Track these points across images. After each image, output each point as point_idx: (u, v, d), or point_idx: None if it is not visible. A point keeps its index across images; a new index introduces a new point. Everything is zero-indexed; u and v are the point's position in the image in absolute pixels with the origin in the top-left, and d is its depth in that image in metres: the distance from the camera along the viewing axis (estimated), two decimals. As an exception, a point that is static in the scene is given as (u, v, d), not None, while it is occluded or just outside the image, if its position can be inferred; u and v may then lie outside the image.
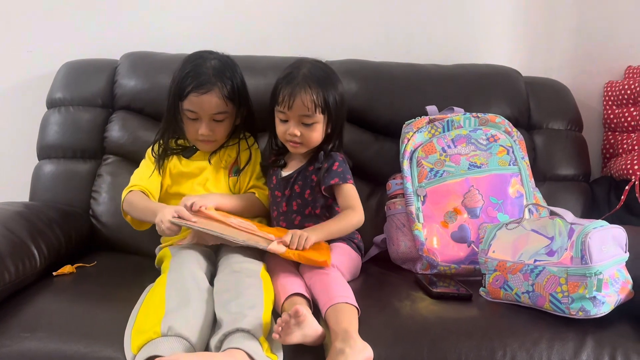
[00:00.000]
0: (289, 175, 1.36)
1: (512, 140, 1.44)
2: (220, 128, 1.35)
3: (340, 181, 1.30)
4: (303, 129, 1.30)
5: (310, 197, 1.33)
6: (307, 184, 1.34)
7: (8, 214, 1.24)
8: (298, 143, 1.32)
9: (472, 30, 1.81)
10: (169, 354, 0.90)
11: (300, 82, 1.28)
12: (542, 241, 1.13)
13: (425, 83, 1.62)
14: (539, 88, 1.69)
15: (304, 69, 1.31)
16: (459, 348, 1.00)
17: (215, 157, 1.40)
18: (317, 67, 1.33)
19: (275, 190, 1.37)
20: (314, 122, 1.30)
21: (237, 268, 1.13)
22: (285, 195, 1.35)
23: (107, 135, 1.57)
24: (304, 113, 1.28)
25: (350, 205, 1.30)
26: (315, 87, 1.28)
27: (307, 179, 1.34)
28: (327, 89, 1.29)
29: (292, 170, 1.37)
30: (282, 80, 1.31)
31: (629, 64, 1.80)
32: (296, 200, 1.34)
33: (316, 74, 1.30)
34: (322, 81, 1.30)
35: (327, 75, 1.33)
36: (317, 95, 1.28)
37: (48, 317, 1.04)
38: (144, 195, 1.33)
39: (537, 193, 1.44)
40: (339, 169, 1.31)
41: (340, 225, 1.28)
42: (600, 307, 1.03)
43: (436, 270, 1.35)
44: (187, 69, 1.31)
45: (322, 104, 1.29)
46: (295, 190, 1.34)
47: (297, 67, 1.32)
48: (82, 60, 1.65)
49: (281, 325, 0.95)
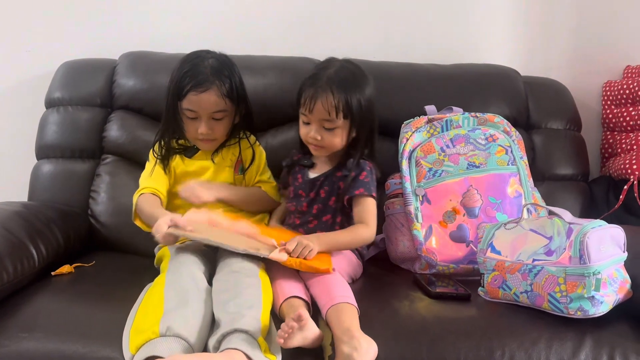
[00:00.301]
0: (316, 177, 1.34)
1: (510, 140, 1.44)
2: (219, 126, 1.34)
3: (365, 192, 1.28)
4: (324, 133, 1.27)
5: (334, 204, 1.31)
6: (334, 191, 1.32)
7: (6, 214, 1.24)
8: (319, 146, 1.29)
9: (471, 30, 1.81)
10: (167, 354, 0.90)
11: (322, 84, 1.24)
12: (541, 241, 1.13)
13: (424, 83, 1.62)
14: (538, 88, 1.69)
15: (331, 69, 1.27)
16: (457, 348, 1.00)
17: (217, 156, 1.40)
18: (345, 68, 1.28)
19: (300, 189, 1.36)
20: (335, 126, 1.26)
21: (235, 268, 1.13)
22: (309, 196, 1.34)
23: (105, 135, 1.57)
24: (324, 117, 1.25)
25: (364, 219, 1.27)
26: (338, 90, 1.23)
27: (334, 185, 1.32)
28: (351, 93, 1.24)
29: (319, 172, 1.35)
30: (307, 80, 1.28)
31: (628, 63, 1.80)
32: (318, 205, 1.33)
33: (341, 76, 1.25)
34: (347, 84, 1.25)
35: (354, 77, 1.27)
36: (339, 99, 1.23)
37: (46, 317, 1.04)
38: (152, 197, 1.32)
39: (536, 193, 1.44)
40: (365, 179, 1.29)
41: (348, 239, 1.26)
42: (598, 306, 1.03)
43: (435, 270, 1.35)
44: (185, 68, 1.31)
45: (344, 109, 1.24)
46: (320, 194, 1.33)
47: (324, 67, 1.29)
48: (81, 59, 1.66)
49: (287, 332, 0.94)
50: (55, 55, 1.68)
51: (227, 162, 1.41)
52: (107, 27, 1.75)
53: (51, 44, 1.73)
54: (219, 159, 1.40)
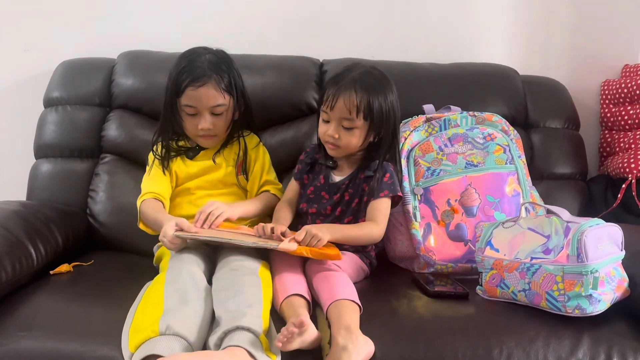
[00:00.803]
0: (341, 181, 1.33)
1: (508, 139, 1.44)
2: (219, 121, 1.34)
3: (390, 193, 1.28)
4: (342, 132, 1.27)
5: (357, 206, 1.31)
6: (357, 192, 1.31)
7: (5, 213, 1.24)
8: (336, 145, 1.29)
9: (469, 29, 1.81)
10: (166, 353, 0.90)
11: (346, 83, 1.25)
12: (539, 239, 1.14)
13: (422, 82, 1.62)
14: (536, 87, 1.70)
15: (355, 72, 1.27)
16: (455, 346, 1.01)
17: (219, 156, 1.40)
18: (370, 73, 1.28)
19: (322, 190, 1.34)
20: (354, 126, 1.26)
21: (235, 266, 1.13)
22: (333, 199, 1.33)
23: (104, 134, 1.57)
24: (344, 116, 1.25)
25: (374, 217, 1.27)
26: (360, 91, 1.24)
27: (358, 188, 1.31)
28: (373, 95, 1.25)
29: (343, 175, 1.34)
30: (331, 80, 1.29)
31: (626, 62, 1.80)
32: (342, 207, 1.32)
33: (366, 79, 1.26)
34: (370, 86, 1.25)
35: (378, 82, 1.27)
36: (360, 99, 1.23)
37: (45, 316, 1.04)
38: (154, 202, 1.31)
39: (534, 191, 1.45)
40: (389, 181, 1.29)
41: (357, 233, 1.25)
42: (596, 305, 1.04)
43: (433, 269, 1.35)
44: (182, 64, 1.31)
45: (365, 109, 1.24)
46: (344, 197, 1.32)
47: (349, 69, 1.29)
48: (80, 59, 1.66)
49: (287, 336, 0.95)
50: (53, 54, 1.68)
51: (229, 162, 1.40)
52: (106, 26, 1.75)
53: (49, 43, 1.73)
54: (221, 159, 1.40)
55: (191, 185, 1.37)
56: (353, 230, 1.26)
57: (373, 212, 1.28)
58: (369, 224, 1.27)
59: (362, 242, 1.29)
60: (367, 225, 1.27)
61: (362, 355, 0.96)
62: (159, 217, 1.26)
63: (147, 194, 1.32)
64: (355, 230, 1.26)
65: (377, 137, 1.30)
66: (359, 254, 1.32)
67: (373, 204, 1.28)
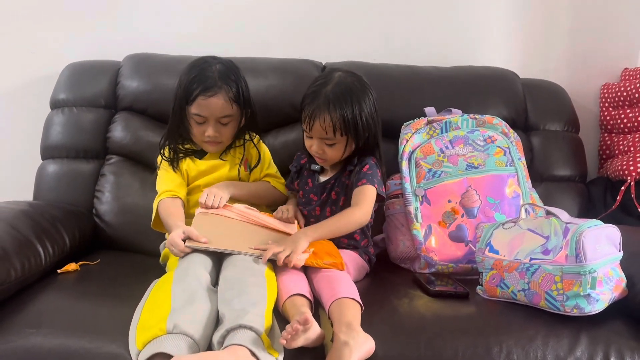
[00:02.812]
0: (327, 181, 1.37)
1: (509, 142, 1.45)
2: (226, 130, 1.36)
3: (368, 182, 1.29)
4: (326, 147, 1.30)
5: (344, 204, 1.33)
6: (343, 190, 1.34)
7: (13, 213, 1.26)
8: (323, 159, 1.33)
9: (470, 32, 1.83)
10: (173, 352, 0.91)
11: (320, 104, 1.26)
12: (538, 240, 1.15)
13: (423, 85, 1.64)
14: (536, 90, 1.71)
15: (329, 85, 1.28)
16: (455, 344, 1.02)
17: (227, 155, 1.43)
18: (343, 84, 1.28)
19: (311, 193, 1.38)
20: (335, 142, 1.29)
21: (242, 267, 1.14)
22: (321, 199, 1.36)
23: (110, 136, 1.59)
24: (323, 136, 1.28)
25: (356, 202, 1.28)
26: (334, 110, 1.25)
27: (343, 185, 1.34)
28: (347, 109, 1.25)
29: (329, 176, 1.37)
30: (307, 97, 1.30)
31: (625, 66, 1.82)
32: (331, 207, 1.35)
33: (338, 93, 1.26)
34: (344, 100, 1.26)
35: (351, 92, 1.27)
36: (336, 118, 1.25)
37: (53, 314, 1.06)
38: (171, 202, 1.33)
39: (534, 193, 1.46)
40: (368, 171, 1.31)
41: (340, 220, 1.27)
42: (594, 304, 1.05)
43: (434, 269, 1.36)
44: (193, 73, 1.32)
45: (342, 127, 1.26)
46: (331, 197, 1.35)
47: (323, 83, 1.29)
48: (85, 61, 1.68)
49: (291, 333, 0.96)
50: (60, 57, 1.70)
51: (236, 160, 1.43)
52: (111, 29, 1.77)
53: (56, 46, 1.76)
54: (229, 157, 1.42)
55: (201, 182, 1.39)
56: (333, 220, 1.27)
57: (354, 197, 1.30)
58: (349, 209, 1.28)
59: (346, 227, 1.28)
60: (346, 211, 1.28)
61: (363, 351, 0.98)
62: (169, 221, 1.28)
63: (164, 192, 1.34)
64: (335, 219, 1.27)
65: (361, 142, 1.32)
66: (357, 251, 1.34)
67: (354, 191, 1.30)
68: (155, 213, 1.34)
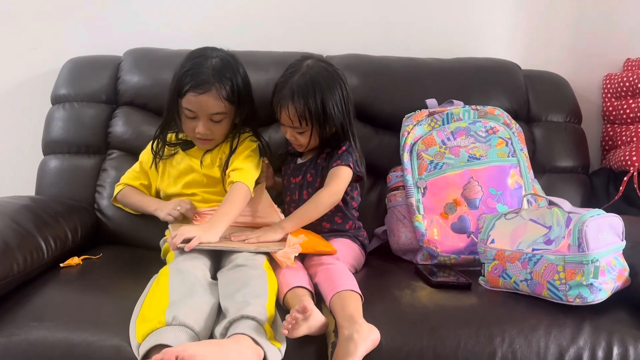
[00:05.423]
0: (302, 163, 1.39)
1: (510, 132, 1.45)
2: (217, 128, 1.35)
3: (342, 163, 1.30)
4: (297, 135, 1.33)
5: (320, 185, 1.33)
6: (319, 172, 1.36)
7: (15, 207, 1.27)
8: (298, 145, 1.36)
9: (472, 24, 1.82)
10: (173, 343, 0.91)
11: (286, 94, 1.29)
12: (540, 230, 1.15)
13: (425, 77, 1.63)
14: (538, 81, 1.70)
15: (296, 76, 1.29)
16: (457, 334, 1.02)
17: (208, 156, 1.39)
18: (308, 74, 1.29)
19: (291, 176, 1.41)
20: (303, 131, 1.32)
21: (241, 262, 1.14)
22: (297, 183, 1.38)
23: (111, 131, 1.59)
24: (290, 125, 1.31)
25: (327, 184, 1.30)
26: (298, 100, 1.27)
27: (318, 167, 1.36)
28: (311, 100, 1.27)
29: (306, 159, 1.40)
30: (277, 86, 1.33)
31: (628, 56, 1.81)
32: (307, 190, 1.36)
33: (303, 84, 1.28)
34: (309, 91, 1.27)
35: (316, 83, 1.28)
36: (300, 109, 1.27)
37: (55, 307, 1.06)
38: (130, 190, 1.45)
39: (536, 184, 1.46)
40: (343, 153, 1.32)
41: (308, 207, 1.28)
42: (597, 294, 1.05)
43: (436, 261, 1.37)
44: (187, 66, 1.31)
45: (307, 117, 1.28)
46: (307, 179, 1.37)
47: (292, 72, 1.31)
48: (86, 56, 1.68)
49: (291, 322, 0.96)
50: (60, 52, 1.70)
51: (215, 162, 1.39)
52: (112, 24, 1.77)
53: (56, 41, 1.76)
54: (208, 161, 1.39)
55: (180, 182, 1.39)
56: (304, 206, 1.29)
57: (327, 179, 1.31)
58: (318, 192, 1.30)
59: (316, 210, 1.29)
60: (315, 194, 1.30)
61: (369, 343, 0.98)
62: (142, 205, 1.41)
63: (118, 185, 1.46)
64: (305, 205, 1.29)
65: (329, 131, 1.33)
66: (350, 238, 1.35)
67: (329, 173, 1.32)
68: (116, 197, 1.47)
